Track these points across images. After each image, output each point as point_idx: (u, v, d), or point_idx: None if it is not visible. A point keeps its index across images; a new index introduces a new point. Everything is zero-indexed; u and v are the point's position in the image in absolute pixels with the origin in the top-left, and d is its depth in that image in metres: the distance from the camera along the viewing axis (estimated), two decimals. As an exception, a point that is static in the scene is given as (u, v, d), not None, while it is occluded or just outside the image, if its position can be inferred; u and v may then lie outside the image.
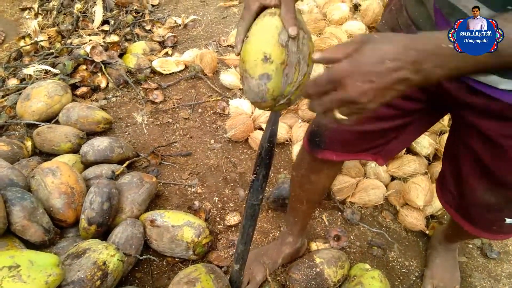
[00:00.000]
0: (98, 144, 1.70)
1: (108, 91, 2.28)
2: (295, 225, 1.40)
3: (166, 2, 3.23)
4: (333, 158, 1.04)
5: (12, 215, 1.23)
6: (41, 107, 1.94)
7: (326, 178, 1.19)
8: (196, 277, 1.22)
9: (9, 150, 1.66)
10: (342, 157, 1.04)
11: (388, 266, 1.53)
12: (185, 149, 1.96)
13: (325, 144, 1.01)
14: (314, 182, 1.19)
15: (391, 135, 0.98)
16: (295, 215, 1.37)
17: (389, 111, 0.91)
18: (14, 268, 1.02)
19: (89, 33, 2.55)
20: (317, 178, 1.18)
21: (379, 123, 0.94)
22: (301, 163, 1.18)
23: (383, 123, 0.94)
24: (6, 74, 2.28)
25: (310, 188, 1.22)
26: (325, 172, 1.17)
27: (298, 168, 1.20)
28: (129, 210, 1.48)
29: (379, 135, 0.98)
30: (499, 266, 1.57)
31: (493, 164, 0.82)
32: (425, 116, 0.95)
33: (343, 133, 0.97)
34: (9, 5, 3.11)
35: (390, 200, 1.74)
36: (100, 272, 1.16)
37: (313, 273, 1.35)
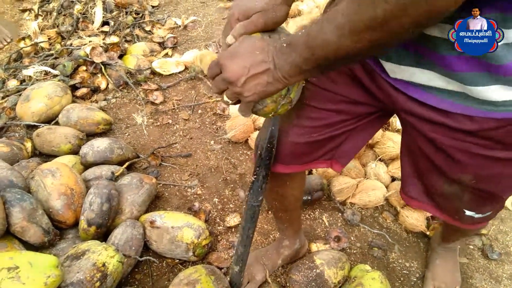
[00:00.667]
0: (98, 145, 1.70)
1: (108, 92, 2.27)
2: (287, 230, 1.39)
3: (166, 3, 3.23)
4: (285, 171, 1.01)
5: (12, 216, 1.23)
6: (41, 108, 1.94)
7: (292, 189, 1.17)
8: (196, 278, 1.22)
9: (9, 151, 1.66)
10: (294, 168, 1.01)
11: (389, 267, 1.53)
12: (185, 150, 1.96)
13: (275, 158, 0.98)
14: (282, 194, 1.18)
15: (341, 138, 0.96)
16: (281, 223, 1.37)
17: (340, 117, 0.90)
18: (13, 269, 1.01)
19: (89, 34, 2.55)
20: (284, 191, 1.16)
21: (328, 130, 0.92)
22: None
23: (333, 130, 0.92)
24: (6, 75, 2.28)
25: (282, 200, 1.21)
26: (288, 184, 1.14)
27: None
28: (129, 211, 1.47)
29: (328, 141, 0.95)
30: (500, 267, 1.57)
31: (443, 164, 0.83)
32: (374, 118, 0.94)
33: (292, 145, 0.95)
34: (10, 7, 3.11)
35: (390, 201, 1.73)
36: (99, 274, 1.15)
37: (313, 274, 1.34)
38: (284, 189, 1.16)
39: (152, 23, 2.89)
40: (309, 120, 0.91)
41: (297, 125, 0.92)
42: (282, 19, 0.73)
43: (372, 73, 0.80)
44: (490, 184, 0.83)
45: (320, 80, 0.87)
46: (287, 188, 1.16)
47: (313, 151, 0.98)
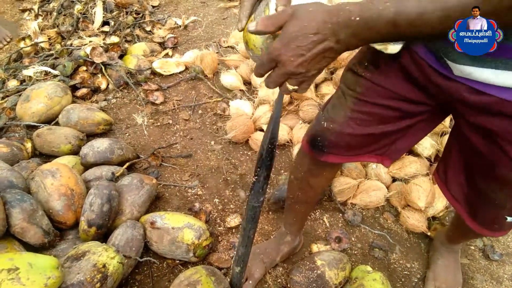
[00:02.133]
0: (98, 146, 1.69)
1: (108, 93, 2.27)
2: (294, 225, 1.40)
3: (166, 3, 3.23)
4: (337, 161, 1.02)
5: (12, 217, 1.23)
6: (41, 108, 1.93)
7: (325, 180, 1.19)
8: (197, 279, 1.22)
9: (9, 152, 1.65)
10: (346, 159, 1.03)
11: (390, 268, 1.52)
12: (186, 150, 1.95)
13: (329, 148, 0.99)
14: (312, 185, 1.19)
15: (396, 136, 0.97)
16: (293, 216, 1.37)
17: (394, 113, 0.90)
18: (13, 270, 1.01)
19: (89, 34, 2.55)
20: (316, 181, 1.17)
21: (383, 125, 0.93)
22: (300, 167, 1.17)
23: (387, 126, 0.93)
24: (6, 75, 2.28)
25: (309, 191, 1.21)
26: (325, 175, 1.16)
27: (297, 171, 1.19)
28: (129, 212, 1.47)
29: (384, 136, 0.97)
30: (501, 268, 1.56)
31: (496, 159, 0.82)
32: (430, 117, 0.94)
33: (347, 136, 0.96)
34: (10, 7, 3.11)
35: (391, 202, 1.73)
36: (100, 275, 1.15)
37: (314, 275, 1.34)
38: (318, 179, 1.16)
39: (152, 23, 2.88)
40: (362, 114, 0.92)
41: (352, 117, 0.93)
42: None
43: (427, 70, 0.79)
44: None
45: (374, 76, 0.87)
46: (321, 179, 1.16)
47: (367, 145, 0.99)
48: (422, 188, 1.58)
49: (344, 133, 0.95)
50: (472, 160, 0.89)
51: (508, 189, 0.85)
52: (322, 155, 1.02)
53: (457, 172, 0.97)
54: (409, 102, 0.88)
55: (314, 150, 1.03)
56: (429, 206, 1.60)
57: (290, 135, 1.92)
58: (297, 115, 2.02)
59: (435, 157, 1.79)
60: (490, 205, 0.92)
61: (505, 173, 0.82)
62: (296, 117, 2.01)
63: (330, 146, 0.99)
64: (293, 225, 1.40)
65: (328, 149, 1.00)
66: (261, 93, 2.04)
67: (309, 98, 1.94)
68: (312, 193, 1.23)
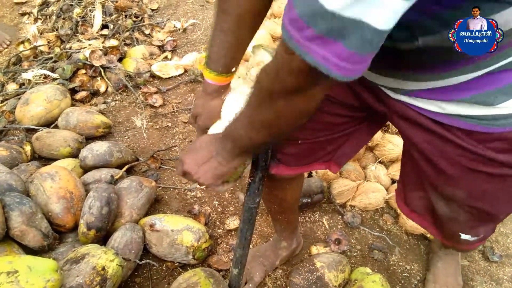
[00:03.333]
0: (97, 149, 1.70)
1: (107, 95, 2.27)
2: (284, 231, 1.40)
3: (165, 7, 3.23)
4: (288, 172, 1.02)
5: (11, 220, 1.23)
6: (40, 111, 1.94)
7: (291, 191, 1.18)
8: (196, 281, 1.22)
9: (8, 155, 1.65)
10: (297, 170, 1.03)
11: (389, 270, 1.52)
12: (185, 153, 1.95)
13: (279, 160, 0.99)
14: (281, 197, 1.19)
15: (341, 140, 0.98)
16: (279, 224, 1.37)
17: (338, 120, 0.92)
18: (12, 273, 1.01)
19: (88, 38, 2.55)
20: (283, 194, 1.17)
21: (329, 131, 0.94)
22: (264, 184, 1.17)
23: (333, 132, 0.94)
24: (5, 78, 2.28)
25: (280, 202, 1.22)
26: (288, 188, 1.15)
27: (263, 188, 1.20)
28: (128, 215, 1.47)
29: (330, 142, 0.97)
30: (501, 270, 1.56)
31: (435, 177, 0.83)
32: (372, 121, 0.96)
33: (296, 146, 0.96)
34: (9, 10, 3.11)
35: (390, 204, 1.73)
36: (99, 277, 1.15)
37: (313, 277, 1.34)
38: (284, 191, 1.16)
39: (151, 26, 2.89)
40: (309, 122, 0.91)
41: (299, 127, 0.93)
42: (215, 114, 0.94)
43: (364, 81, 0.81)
44: (484, 202, 0.82)
45: None
46: (287, 191, 1.16)
47: (314, 152, 0.99)
48: (421, 190, 1.58)
49: (292, 144, 0.96)
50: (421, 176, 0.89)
51: (455, 205, 0.85)
52: (273, 167, 1.01)
53: (414, 187, 0.96)
54: (352, 108, 0.90)
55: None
56: (428, 207, 1.60)
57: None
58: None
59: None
60: (444, 220, 0.92)
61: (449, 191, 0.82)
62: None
63: (279, 157, 0.99)
64: (284, 231, 1.40)
65: (278, 161, 0.99)
66: (260, 96, 2.04)
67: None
68: (285, 204, 1.23)
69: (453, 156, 0.75)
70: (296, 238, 1.46)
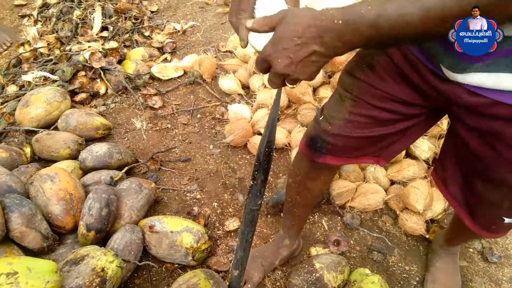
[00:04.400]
0: (97, 150, 1.70)
1: (107, 97, 2.28)
2: (292, 228, 1.41)
3: (165, 9, 3.24)
4: (335, 163, 1.03)
5: (11, 221, 1.23)
6: (40, 113, 1.94)
7: (323, 183, 1.19)
8: (195, 283, 1.22)
9: (8, 157, 1.66)
10: (344, 161, 1.04)
11: (389, 271, 1.53)
12: (184, 154, 1.96)
13: (327, 150, 1.00)
14: (311, 188, 1.19)
15: (392, 139, 0.98)
16: (292, 219, 1.37)
17: (391, 116, 0.91)
18: (12, 275, 1.01)
19: (88, 40, 2.56)
20: (314, 184, 1.18)
21: (381, 128, 0.94)
22: (298, 170, 1.17)
23: (385, 129, 0.94)
24: (5, 80, 2.28)
25: (307, 193, 1.22)
26: (322, 178, 1.16)
27: (295, 175, 1.20)
28: (128, 216, 1.47)
29: (381, 139, 0.98)
30: (500, 270, 1.57)
31: (490, 161, 0.82)
32: (426, 118, 0.95)
33: (345, 139, 0.97)
34: (9, 12, 3.12)
35: (389, 205, 1.73)
36: (98, 279, 1.15)
37: (313, 278, 1.34)
38: (316, 182, 1.17)
39: (151, 28, 2.90)
40: (360, 116, 0.93)
41: (350, 120, 0.94)
42: None
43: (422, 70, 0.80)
44: None
45: (370, 78, 0.88)
46: (319, 182, 1.17)
47: (364, 147, 1.00)
48: (420, 191, 1.58)
49: (342, 135, 0.96)
50: (468, 161, 0.90)
51: (504, 189, 0.86)
52: (320, 157, 1.03)
53: (454, 172, 0.98)
54: (405, 104, 0.89)
55: (312, 151, 1.04)
56: (428, 208, 1.60)
57: (288, 139, 1.92)
58: (295, 119, 2.02)
59: (433, 160, 1.80)
60: (487, 206, 0.93)
61: (501, 175, 0.83)
62: (294, 120, 2.01)
63: (328, 147, 1.00)
64: (292, 228, 1.41)
65: (326, 151, 1.01)
66: (259, 97, 2.05)
67: (307, 101, 1.94)
68: (310, 196, 1.24)
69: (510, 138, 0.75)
70: (298, 239, 1.48)
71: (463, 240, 1.45)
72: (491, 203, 0.91)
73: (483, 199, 0.92)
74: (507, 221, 0.93)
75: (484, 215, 0.97)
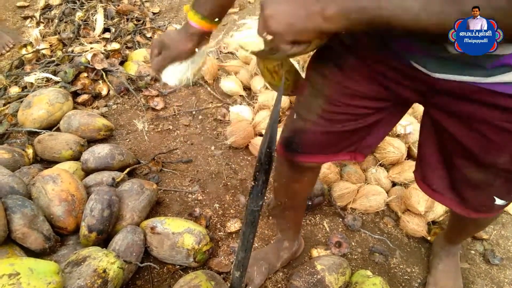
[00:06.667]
0: (98, 151, 1.70)
1: (109, 99, 2.28)
2: (288, 231, 1.41)
3: (167, 10, 3.25)
4: (311, 161, 1.04)
5: (13, 222, 1.23)
6: (42, 114, 1.95)
7: (307, 184, 1.20)
8: (197, 284, 1.22)
9: (10, 158, 1.66)
10: (321, 159, 1.05)
11: (390, 272, 1.52)
12: (186, 156, 1.96)
13: (302, 148, 1.01)
14: (296, 190, 1.20)
15: (365, 131, 0.99)
16: (285, 222, 1.38)
17: (362, 111, 0.92)
18: (14, 276, 1.01)
19: (90, 41, 2.57)
20: (300, 186, 1.18)
21: (353, 122, 0.94)
22: (281, 174, 1.18)
23: (357, 122, 0.95)
24: (8, 82, 2.29)
25: (294, 196, 1.23)
26: (306, 179, 1.17)
27: (279, 178, 1.21)
28: (130, 217, 1.47)
29: (355, 133, 0.98)
30: (502, 272, 1.56)
31: (477, 147, 0.82)
32: (394, 111, 0.96)
33: (320, 135, 0.97)
34: (11, 14, 3.13)
35: (391, 206, 1.73)
36: (100, 280, 1.15)
37: (314, 280, 1.34)
38: (300, 184, 1.17)
39: (153, 29, 2.90)
40: (333, 114, 0.93)
41: (323, 116, 0.94)
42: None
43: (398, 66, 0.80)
44: None
45: (338, 77, 0.89)
46: (303, 183, 1.18)
47: (339, 142, 1.00)
48: (422, 193, 1.58)
49: (317, 132, 0.97)
50: (450, 149, 0.89)
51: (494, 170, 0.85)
52: (296, 156, 1.03)
53: (435, 167, 0.97)
54: (375, 100, 0.90)
55: (288, 151, 1.04)
56: (429, 210, 1.60)
57: (290, 140, 1.92)
58: (296, 120, 2.02)
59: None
60: (476, 188, 0.92)
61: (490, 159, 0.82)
62: (296, 122, 2.01)
63: (303, 146, 1.00)
64: (288, 231, 1.41)
65: (301, 150, 1.01)
66: (261, 99, 2.05)
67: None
68: (298, 198, 1.25)
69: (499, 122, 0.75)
70: (297, 240, 1.47)
71: (463, 235, 1.43)
72: (479, 184, 0.90)
73: (470, 182, 0.91)
74: (497, 202, 0.93)
75: (474, 198, 0.96)
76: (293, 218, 1.36)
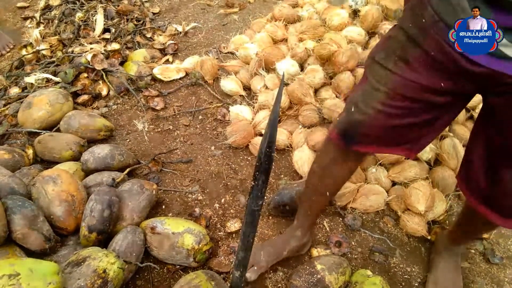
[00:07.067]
0: (99, 152, 1.70)
1: (109, 99, 2.29)
2: (307, 219, 1.41)
3: (166, 10, 3.25)
4: (367, 150, 1.06)
5: (13, 223, 1.24)
6: (43, 115, 1.95)
7: (348, 171, 1.21)
8: (197, 284, 1.22)
9: (11, 158, 1.67)
10: (376, 150, 1.07)
11: (390, 272, 1.52)
12: (186, 156, 1.96)
13: (360, 139, 1.03)
14: (335, 174, 1.21)
15: (424, 128, 0.99)
16: (309, 208, 1.38)
17: (423, 106, 0.92)
18: (14, 276, 1.01)
19: (90, 42, 2.57)
20: (340, 170, 1.19)
21: (413, 118, 0.95)
22: (325, 155, 1.19)
23: (417, 118, 0.95)
24: (8, 82, 2.30)
25: (330, 180, 1.23)
26: (349, 165, 1.18)
27: (321, 160, 1.22)
28: (130, 218, 1.48)
29: (413, 129, 0.99)
30: (502, 271, 1.56)
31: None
32: (452, 107, 0.96)
33: (378, 129, 0.98)
34: (11, 14, 3.14)
35: (391, 206, 1.73)
36: (100, 280, 1.16)
37: (314, 279, 1.34)
38: (341, 168, 1.19)
39: (153, 29, 2.90)
40: (393, 108, 0.94)
41: (383, 111, 0.95)
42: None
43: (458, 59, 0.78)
44: None
45: (404, 72, 0.89)
46: (344, 168, 1.19)
47: (397, 136, 1.01)
48: (422, 192, 1.58)
49: (375, 126, 0.98)
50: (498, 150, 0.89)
51: None
52: (352, 145, 1.05)
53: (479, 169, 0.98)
54: (437, 94, 0.89)
55: (345, 141, 1.06)
56: (429, 210, 1.60)
57: (289, 140, 1.92)
58: (296, 120, 2.03)
59: (434, 160, 1.79)
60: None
61: None
62: (296, 122, 2.02)
63: (361, 137, 1.02)
64: (306, 219, 1.41)
65: (358, 140, 1.03)
66: (261, 98, 2.05)
67: (309, 103, 1.94)
68: (332, 183, 1.25)
69: None
70: (309, 234, 1.48)
71: (471, 236, 1.44)
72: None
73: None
74: None
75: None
76: (317, 206, 1.36)
